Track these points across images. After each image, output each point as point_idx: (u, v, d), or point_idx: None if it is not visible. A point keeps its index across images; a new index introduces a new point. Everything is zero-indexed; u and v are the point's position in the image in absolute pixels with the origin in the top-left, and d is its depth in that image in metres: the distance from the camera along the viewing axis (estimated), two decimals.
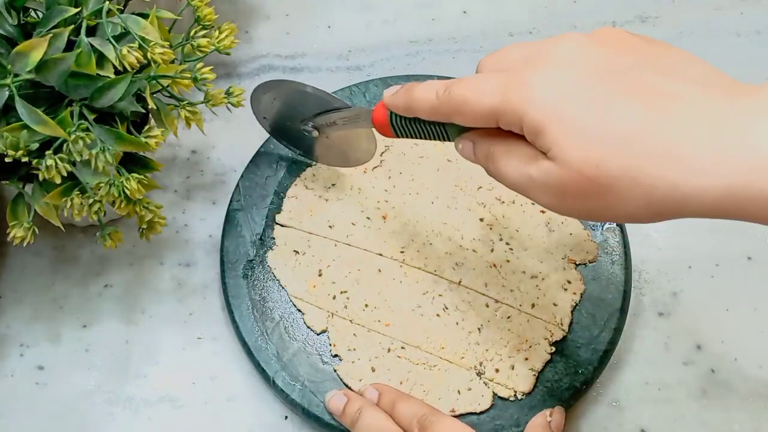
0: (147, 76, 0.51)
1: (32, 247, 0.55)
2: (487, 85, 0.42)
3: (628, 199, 0.38)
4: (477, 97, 0.42)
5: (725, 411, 0.56)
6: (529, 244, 0.60)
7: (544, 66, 0.41)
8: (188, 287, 0.60)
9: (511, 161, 0.42)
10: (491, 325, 0.57)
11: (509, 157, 0.42)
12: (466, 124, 0.43)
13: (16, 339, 0.58)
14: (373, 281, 0.58)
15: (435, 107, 0.44)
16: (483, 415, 0.54)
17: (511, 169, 0.42)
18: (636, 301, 0.60)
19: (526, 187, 0.42)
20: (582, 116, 0.39)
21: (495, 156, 0.43)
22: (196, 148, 0.66)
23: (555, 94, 0.39)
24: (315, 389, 0.55)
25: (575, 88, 0.39)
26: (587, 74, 0.40)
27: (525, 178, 0.41)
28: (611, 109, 0.38)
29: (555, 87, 0.40)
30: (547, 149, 0.40)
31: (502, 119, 0.41)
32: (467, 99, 0.42)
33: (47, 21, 0.49)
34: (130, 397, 0.56)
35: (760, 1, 0.76)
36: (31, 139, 0.47)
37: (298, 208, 0.61)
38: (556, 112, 0.39)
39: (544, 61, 0.41)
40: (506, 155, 0.42)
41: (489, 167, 0.44)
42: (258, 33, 0.73)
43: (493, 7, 0.75)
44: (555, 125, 0.39)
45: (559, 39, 0.42)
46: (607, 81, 0.39)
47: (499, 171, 0.43)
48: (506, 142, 0.42)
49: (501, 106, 0.41)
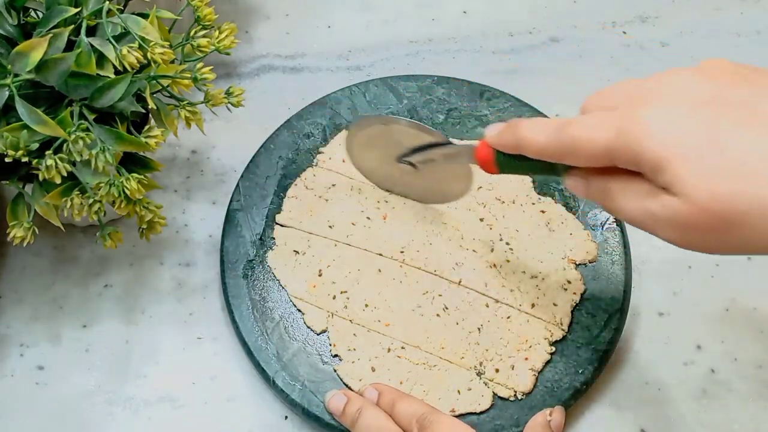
0: (147, 76, 0.51)
1: (32, 247, 0.55)
2: (599, 124, 0.40)
3: (759, 231, 0.37)
4: (590, 136, 0.40)
5: (725, 411, 0.56)
6: (529, 244, 0.60)
7: (658, 102, 0.40)
8: (188, 287, 0.60)
9: (630, 198, 0.41)
10: (491, 325, 0.57)
11: (627, 194, 0.41)
12: (579, 164, 0.42)
13: (16, 339, 0.58)
14: (373, 281, 0.58)
15: (545, 148, 0.43)
16: (483, 415, 0.54)
17: (631, 205, 0.41)
18: (636, 301, 0.60)
19: (648, 223, 0.41)
20: (704, 150, 0.37)
21: (612, 193, 0.42)
22: (196, 148, 0.66)
23: (673, 129, 0.38)
24: (315, 389, 0.55)
25: (693, 122, 0.38)
26: (703, 108, 0.39)
27: (647, 215, 0.40)
28: (735, 142, 0.37)
29: (672, 122, 0.38)
30: (669, 185, 0.38)
31: (617, 158, 0.40)
32: (580, 139, 0.41)
33: (47, 21, 0.49)
34: (130, 397, 0.56)
35: (760, 1, 0.76)
36: (31, 139, 0.47)
37: (298, 208, 0.61)
38: (676, 147, 0.38)
39: (657, 97, 0.40)
40: (623, 192, 0.41)
41: (606, 204, 0.43)
42: (258, 33, 0.73)
43: (493, 7, 0.75)
44: (677, 161, 0.38)
45: (668, 74, 0.41)
46: (725, 113, 0.38)
47: (617, 208, 0.42)
48: (622, 178, 0.41)
49: (616, 145, 0.39)
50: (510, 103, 0.66)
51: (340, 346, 0.56)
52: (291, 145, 0.64)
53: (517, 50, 0.73)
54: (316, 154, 0.64)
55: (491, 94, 0.67)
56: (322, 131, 0.65)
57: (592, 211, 0.61)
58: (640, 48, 0.73)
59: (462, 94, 0.67)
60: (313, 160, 0.64)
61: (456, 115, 0.66)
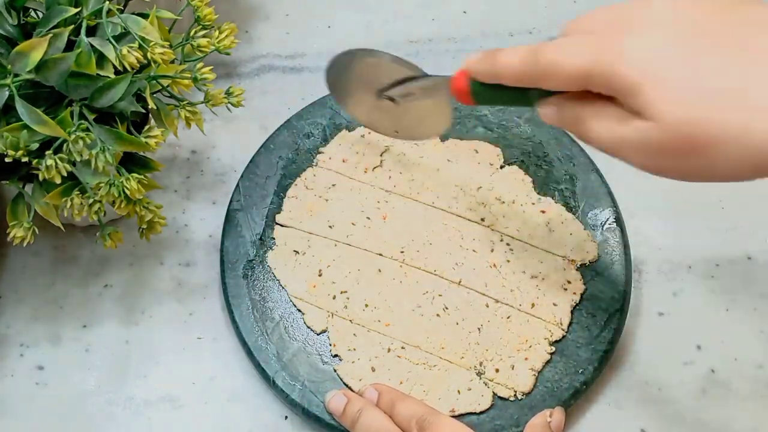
0: (147, 76, 0.51)
1: (32, 247, 0.55)
2: (577, 47, 0.41)
3: (730, 156, 0.37)
4: (567, 59, 0.41)
5: (725, 411, 0.56)
6: (529, 244, 0.60)
7: (639, 28, 0.40)
8: (188, 287, 0.60)
9: (602, 123, 0.41)
10: (491, 325, 0.57)
11: (599, 119, 0.41)
12: (554, 88, 0.43)
13: (16, 339, 0.58)
14: (373, 281, 0.58)
15: (522, 72, 0.43)
16: (483, 415, 0.54)
17: (602, 130, 0.41)
18: (636, 301, 0.60)
19: (619, 148, 0.41)
20: (681, 75, 0.38)
21: (584, 119, 0.42)
22: (196, 148, 0.66)
23: (650, 54, 0.39)
24: (315, 389, 0.55)
25: (672, 47, 0.38)
26: (683, 34, 0.39)
27: (618, 139, 0.40)
28: (713, 66, 0.37)
29: (650, 47, 0.39)
30: (642, 109, 0.39)
31: (593, 81, 0.40)
32: (557, 62, 0.41)
33: (47, 21, 0.49)
34: (130, 397, 0.56)
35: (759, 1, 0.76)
36: (31, 139, 0.47)
37: (298, 208, 0.61)
38: (652, 71, 0.38)
39: (638, 23, 0.40)
40: (596, 117, 0.41)
41: (577, 130, 0.43)
42: (258, 33, 0.73)
43: (493, 7, 0.75)
44: (652, 85, 0.38)
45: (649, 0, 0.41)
46: (704, 39, 0.38)
47: (588, 133, 0.42)
48: (594, 104, 0.41)
49: (593, 68, 0.40)
50: None
51: (340, 346, 0.56)
52: (291, 145, 0.64)
53: None
54: (316, 154, 0.64)
55: None
56: (322, 131, 0.65)
57: (592, 211, 0.61)
58: None
59: None
60: (313, 160, 0.64)
61: (456, 115, 0.66)
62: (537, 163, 0.64)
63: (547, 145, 0.64)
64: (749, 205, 0.64)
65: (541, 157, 0.64)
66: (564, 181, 0.63)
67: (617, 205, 0.62)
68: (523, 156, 0.64)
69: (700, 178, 0.40)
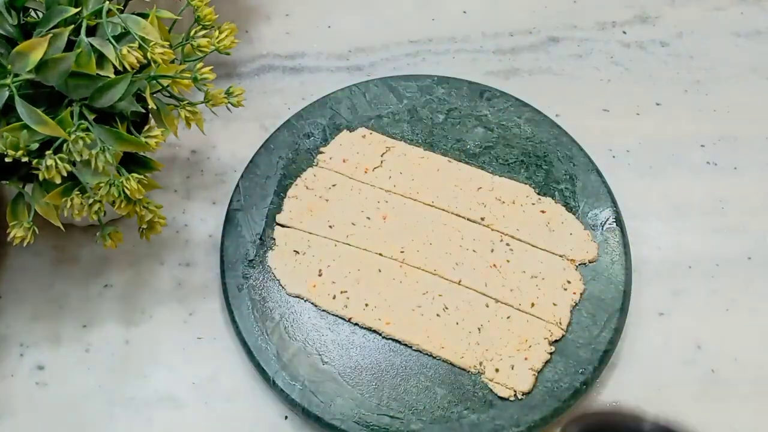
0: (147, 76, 0.51)
1: (32, 247, 0.55)
2: None
3: None
4: None
5: (725, 411, 0.56)
6: (529, 244, 0.60)
7: None
8: (188, 287, 0.60)
9: None
10: (491, 325, 0.57)
11: None
12: None
13: (16, 339, 0.58)
14: (373, 281, 0.58)
15: None
16: (483, 415, 0.54)
17: None
18: (636, 301, 0.60)
19: None
20: None
21: None
22: (196, 148, 0.66)
23: None
24: (315, 389, 0.55)
25: None
26: None
27: None
28: None
29: None
30: None
31: None
32: None
33: (47, 21, 0.49)
34: (130, 397, 0.56)
35: (759, 1, 0.76)
36: (31, 139, 0.47)
37: (298, 208, 0.61)
38: None
39: None
40: None
41: None
42: (258, 33, 0.73)
43: (493, 7, 0.75)
44: None
45: None
46: None
47: None
48: None
49: None
50: (510, 103, 0.66)
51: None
52: (291, 145, 0.64)
53: (517, 50, 0.73)
54: (316, 154, 0.64)
55: (491, 94, 0.67)
56: (322, 131, 0.65)
57: (592, 211, 0.61)
58: (640, 48, 0.73)
59: (462, 94, 0.67)
60: (313, 160, 0.64)
61: (456, 115, 0.66)
62: (537, 163, 0.64)
63: (547, 145, 0.64)
64: (749, 205, 0.64)
65: (541, 157, 0.64)
66: (564, 181, 0.63)
67: (617, 205, 0.62)
68: (523, 156, 0.64)
69: None
